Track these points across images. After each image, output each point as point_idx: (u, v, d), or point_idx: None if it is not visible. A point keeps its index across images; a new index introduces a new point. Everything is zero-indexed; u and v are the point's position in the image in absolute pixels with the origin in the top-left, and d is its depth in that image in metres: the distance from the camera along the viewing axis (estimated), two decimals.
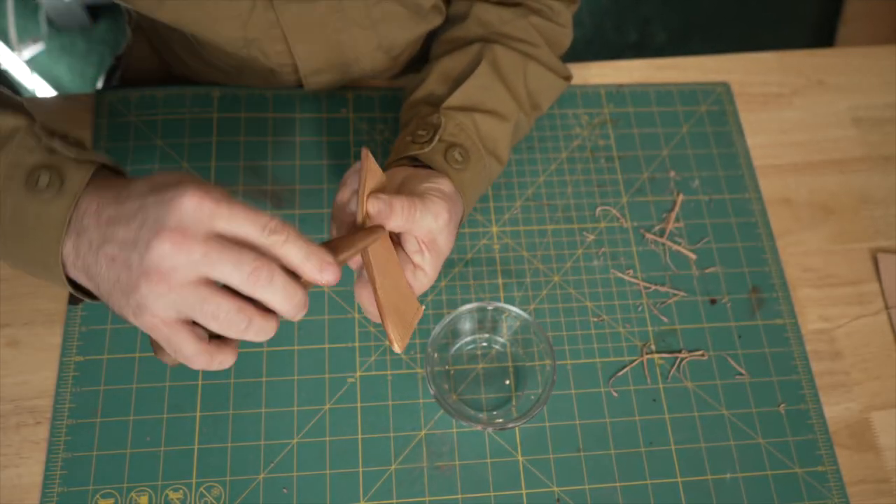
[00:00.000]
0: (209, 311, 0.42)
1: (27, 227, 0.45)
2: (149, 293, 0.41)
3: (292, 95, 0.73)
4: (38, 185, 0.44)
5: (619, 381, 0.64)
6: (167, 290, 0.41)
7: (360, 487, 0.59)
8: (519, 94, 0.66)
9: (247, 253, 0.42)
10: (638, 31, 1.81)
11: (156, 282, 0.41)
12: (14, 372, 0.61)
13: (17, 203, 0.45)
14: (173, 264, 0.41)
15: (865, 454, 0.63)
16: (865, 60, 0.82)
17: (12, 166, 0.45)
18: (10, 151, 0.45)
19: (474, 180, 0.60)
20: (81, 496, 0.57)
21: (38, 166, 0.45)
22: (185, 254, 0.41)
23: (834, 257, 0.72)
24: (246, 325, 0.43)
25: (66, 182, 0.45)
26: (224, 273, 0.41)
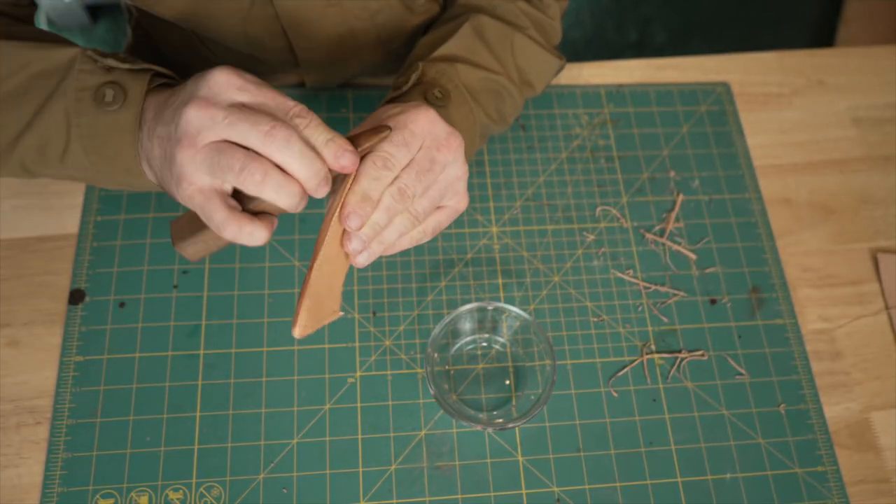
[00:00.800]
0: (226, 163, 0.44)
1: (105, 139, 0.51)
2: (182, 159, 0.45)
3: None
4: (105, 101, 0.50)
5: (619, 381, 0.64)
6: (195, 153, 0.45)
7: (360, 487, 0.59)
8: (505, 61, 0.63)
9: (265, 116, 0.45)
10: (638, 31, 1.81)
11: (186, 146, 0.45)
12: (14, 372, 0.61)
13: (92, 120, 0.50)
14: (199, 126, 0.45)
15: (865, 454, 0.63)
16: (865, 60, 0.82)
17: (80, 90, 0.50)
18: (74, 78, 0.50)
19: (459, 121, 0.58)
20: (81, 496, 0.57)
21: (101, 84, 0.50)
22: (209, 117, 0.44)
23: (834, 257, 0.72)
24: (262, 176, 0.44)
25: (128, 93, 0.50)
26: (242, 132, 0.44)
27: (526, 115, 0.75)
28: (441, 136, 0.50)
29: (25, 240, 0.66)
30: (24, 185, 0.68)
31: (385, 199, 0.48)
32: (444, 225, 0.54)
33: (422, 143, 0.50)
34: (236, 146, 0.45)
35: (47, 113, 0.51)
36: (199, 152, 0.45)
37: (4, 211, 0.67)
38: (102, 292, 0.64)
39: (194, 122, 0.45)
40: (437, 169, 0.50)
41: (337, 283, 0.51)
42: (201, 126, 0.45)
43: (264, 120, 0.44)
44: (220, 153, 0.45)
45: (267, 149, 0.45)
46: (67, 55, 0.51)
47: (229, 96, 0.45)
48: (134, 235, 0.66)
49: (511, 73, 0.64)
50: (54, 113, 0.51)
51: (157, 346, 0.62)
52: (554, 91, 0.77)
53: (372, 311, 0.65)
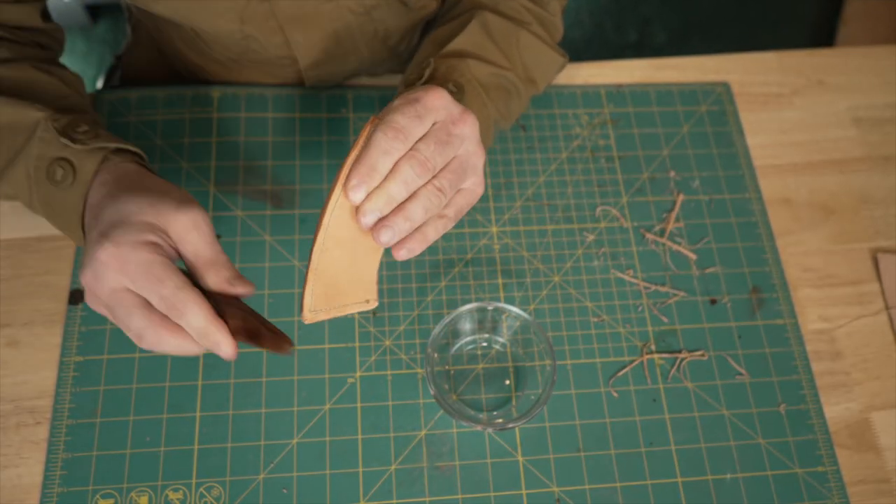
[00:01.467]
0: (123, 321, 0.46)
1: (56, 210, 0.53)
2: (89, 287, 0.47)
3: (292, 95, 0.73)
4: (55, 177, 0.51)
5: (620, 381, 0.64)
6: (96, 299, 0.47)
7: (360, 487, 0.59)
8: (512, 57, 0.63)
9: (135, 318, 0.45)
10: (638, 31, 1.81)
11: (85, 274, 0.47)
12: (14, 372, 0.61)
13: (46, 192, 0.52)
14: (90, 299, 0.47)
15: (865, 454, 0.63)
16: (865, 60, 0.82)
17: (38, 158, 0.52)
18: (35, 145, 0.52)
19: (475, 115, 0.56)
20: (81, 496, 0.57)
21: (53, 160, 0.51)
22: (95, 297, 0.47)
23: (834, 257, 0.72)
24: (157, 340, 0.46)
25: (78, 173, 0.51)
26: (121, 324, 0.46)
27: (526, 115, 0.75)
28: (455, 112, 0.49)
29: (25, 240, 0.66)
30: None
31: (405, 170, 0.46)
32: (464, 210, 0.52)
33: (436, 117, 0.48)
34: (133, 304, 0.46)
35: (14, 170, 0.53)
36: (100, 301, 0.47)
37: (4, 211, 0.67)
38: None
39: (87, 293, 0.47)
40: (456, 142, 0.49)
41: (367, 271, 0.50)
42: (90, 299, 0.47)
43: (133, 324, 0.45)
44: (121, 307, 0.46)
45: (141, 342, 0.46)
46: (32, 118, 0.52)
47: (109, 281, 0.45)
48: None
49: (518, 69, 0.64)
50: (18, 172, 0.53)
51: None
52: (554, 91, 0.77)
53: (372, 311, 0.65)
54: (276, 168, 0.70)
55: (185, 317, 0.45)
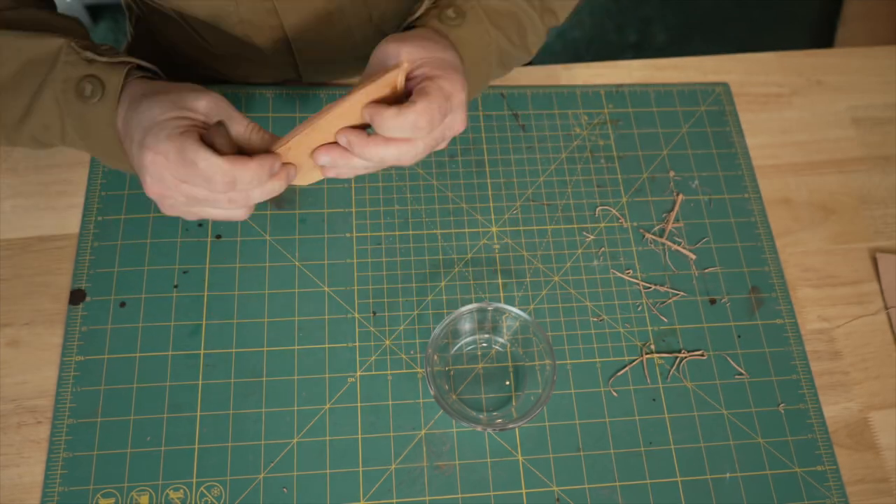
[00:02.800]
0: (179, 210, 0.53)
1: (91, 128, 0.55)
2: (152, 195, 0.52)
3: (292, 95, 0.73)
4: (85, 94, 0.53)
5: (619, 381, 0.64)
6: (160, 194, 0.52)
7: (360, 487, 0.59)
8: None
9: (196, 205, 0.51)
10: (638, 32, 1.81)
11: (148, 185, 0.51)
12: (14, 372, 0.61)
13: (78, 110, 0.54)
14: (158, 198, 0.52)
15: (864, 454, 0.63)
16: (865, 60, 0.82)
17: (65, 81, 0.54)
18: (61, 68, 0.54)
19: (473, 41, 0.59)
20: (82, 496, 0.57)
21: (82, 77, 0.53)
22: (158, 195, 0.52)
23: (834, 257, 0.72)
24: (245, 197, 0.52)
25: (106, 87, 0.53)
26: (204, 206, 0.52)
27: (526, 116, 0.75)
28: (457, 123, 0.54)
29: (26, 240, 0.66)
30: (25, 185, 0.68)
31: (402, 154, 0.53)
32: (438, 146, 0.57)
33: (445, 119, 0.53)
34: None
35: (42, 100, 0.54)
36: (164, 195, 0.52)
37: (5, 211, 0.67)
38: (103, 292, 0.64)
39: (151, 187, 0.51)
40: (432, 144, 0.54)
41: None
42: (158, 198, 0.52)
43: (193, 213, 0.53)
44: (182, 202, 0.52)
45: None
46: (55, 45, 0.54)
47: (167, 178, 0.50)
48: (134, 235, 0.66)
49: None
50: (47, 100, 0.54)
51: (157, 345, 0.62)
52: (554, 91, 0.77)
53: (372, 311, 0.65)
54: None
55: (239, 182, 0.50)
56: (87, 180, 0.68)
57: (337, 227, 0.68)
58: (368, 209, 0.69)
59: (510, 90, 0.76)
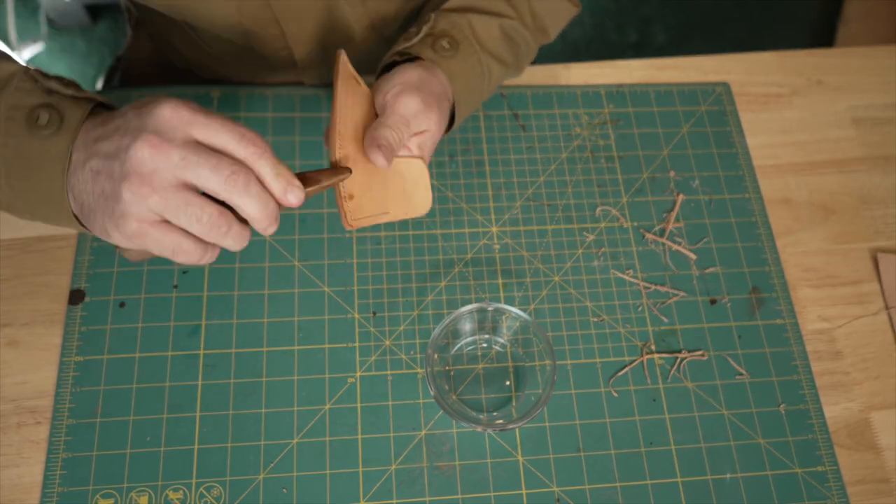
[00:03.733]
0: (193, 214, 0.44)
1: (32, 164, 0.47)
2: (131, 197, 0.43)
3: (292, 95, 0.73)
4: (38, 123, 0.46)
5: (619, 381, 0.64)
6: (150, 192, 0.43)
7: (360, 487, 0.59)
8: (519, 6, 0.65)
9: (224, 159, 0.44)
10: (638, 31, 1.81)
11: (137, 185, 0.43)
12: (14, 372, 0.61)
13: (21, 142, 0.47)
14: (154, 167, 0.43)
15: (865, 454, 0.63)
16: (865, 60, 0.82)
17: (13, 108, 0.47)
18: (10, 94, 0.47)
19: (466, 71, 0.61)
20: (81, 496, 0.57)
21: (37, 106, 0.47)
22: (163, 156, 0.43)
23: (834, 257, 0.72)
24: (226, 230, 0.45)
25: (65, 119, 0.47)
26: (202, 177, 0.43)
27: (526, 115, 0.75)
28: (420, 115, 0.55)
29: (25, 240, 0.66)
30: None
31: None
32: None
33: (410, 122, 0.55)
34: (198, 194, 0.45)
35: None
36: (154, 192, 0.43)
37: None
38: (102, 292, 0.64)
39: (148, 162, 0.43)
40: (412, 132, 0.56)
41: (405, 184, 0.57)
42: (156, 167, 0.43)
43: (225, 163, 0.44)
44: (186, 204, 0.44)
45: (227, 194, 0.45)
46: (7, 70, 0.49)
47: (180, 132, 0.44)
48: None
49: (525, 18, 0.65)
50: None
51: (157, 346, 0.62)
52: (554, 91, 0.77)
53: (372, 311, 0.65)
54: None
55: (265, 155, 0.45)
56: None
57: (337, 227, 0.68)
58: None
59: (510, 90, 0.76)
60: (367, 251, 0.68)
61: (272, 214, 0.46)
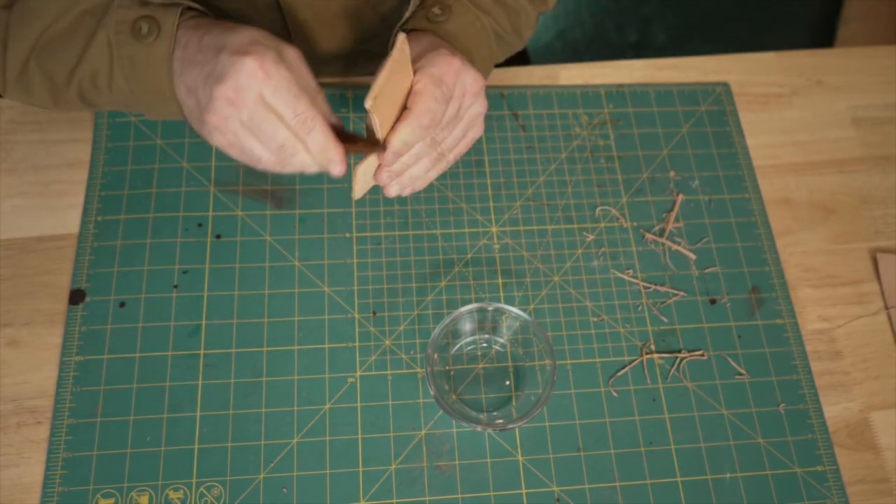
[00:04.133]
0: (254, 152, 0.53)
1: (142, 69, 0.55)
2: (212, 129, 0.52)
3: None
4: (141, 34, 0.54)
5: (619, 381, 0.64)
6: (224, 129, 0.52)
7: (360, 487, 0.59)
8: None
9: (280, 129, 0.51)
10: (638, 31, 1.81)
11: (215, 122, 0.51)
12: (14, 372, 0.61)
13: (131, 51, 0.55)
14: (226, 115, 0.51)
15: (865, 454, 0.63)
16: (865, 60, 0.82)
17: (119, 23, 0.55)
18: (114, 12, 0.55)
19: (465, 29, 0.61)
20: (82, 496, 0.57)
21: (137, 18, 0.54)
22: (235, 110, 0.50)
23: (834, 257, 0.72)
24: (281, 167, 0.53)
25: (162, 26, 0.54)
26: (260, 138, 0.52)
27: (526, 115, 0.75)
28: (468, 83, 0.55)
29: (25, 240, 0.66)
30: (25, 185, 0.68)
31: (423, 159, 0.57)
32: (462, 153, 0.60)
33: (455, 93, 0.55)
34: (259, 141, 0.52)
35: (94, 45, 0.55)
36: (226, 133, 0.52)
37: (4, 211, 0.67)
38: (103, 292, 0.64)
39: (223, 110, 0.51)
40: (464, 113, 0.57)
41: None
42: (228, 115, 0.51)
43: (279, 135, 0.51)
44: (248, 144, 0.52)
45: (277, 156, 0.52)
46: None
47: (252, 91, 0.50)
48: (134, 235, 0.66)
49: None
50: (100, 44, 0.55)
51: (157, 346, 0.62)
52: (554, 91, 0.77)
53: (372, 311, 0.65)
54: None
55: (312, 132, 0.51)
56: (86, 180, 0.68)
57: (337, 227, 0.68)
58: (368, 209, 0.69)
59: (510, 90, 0.76)
60: (367, 251, 0.68)
61: (313, 170, 0.53)
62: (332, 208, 0.69)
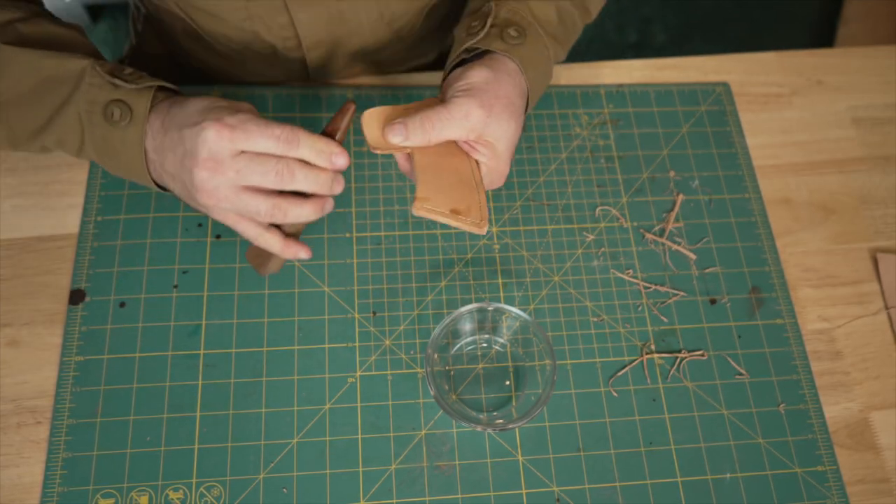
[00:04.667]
0: (252, 211, 0.54)
1: (116, 150, 0.56)
2: (205, 203, 0.54)
3: (292, 95, 0.73)
4: (113, 118, 0.55)
5: (619, 381, 0.64)
6: (217, 202, 0.53)
7: (360, 487, 0.59)
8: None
9: (268, 161, 0.53)
10: (638, 31, 1.81)
11: (206, 197, 0.53)
12: (14, 372, 0.61)
13: (103, 133, 0.55)
14: (215, 185, 0.52)
15: (865, 454, 0.63)
16: (865, 60, 0.82)
17: (90, 104, 0.55)
18: (85, 91, 0.55)
19: (535, 59, 0.60)
20: (82, 496, 0.57)
21: (108, 102, 0.55)
22: (220, 175, 0.52)
23: (834, 257, 0.72)
24: (283, 214, 0.54)
25: (134, 112, 0.55)
26: (256, 181, 0.53)
27: (526, 115, 0.75)
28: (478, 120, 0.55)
29: (25, 240, 0.66)
30: (25, 185, 0.68)
31: None
32: None
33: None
34: (255, 192, 0.53)
35: (63, 116, 0.56)
36: (220, 201, 0.53)
37: (4, 211, 0.67)
38: (102, 292, 0.64)
39: (209, 181, 0.52)
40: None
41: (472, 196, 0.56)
42: (216, 184, 0.52)
43: (269, 167, 0.53)
44: (245, 206, 0.54)
45: (281, 186, 0.53)
46: (77, 66, 0.55)
47: (228, 150, 0.52)
48: (134, 235, 0.66)
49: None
50: (69, 117, 0.55)
51: (157, 346, 0.62)
52: (554, 91, 0.77)
53: (372, 311, 0.65)
54: None
55: (301, 142, 0.53)
56: (86, 180, 0.68)
57: (337, 227, 0.68)
58: (368, 209, 0.69)
59: None
60: (367, 251, 0.68)
61: (326, 182, 0.54)
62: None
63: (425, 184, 0.55)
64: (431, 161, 0.56)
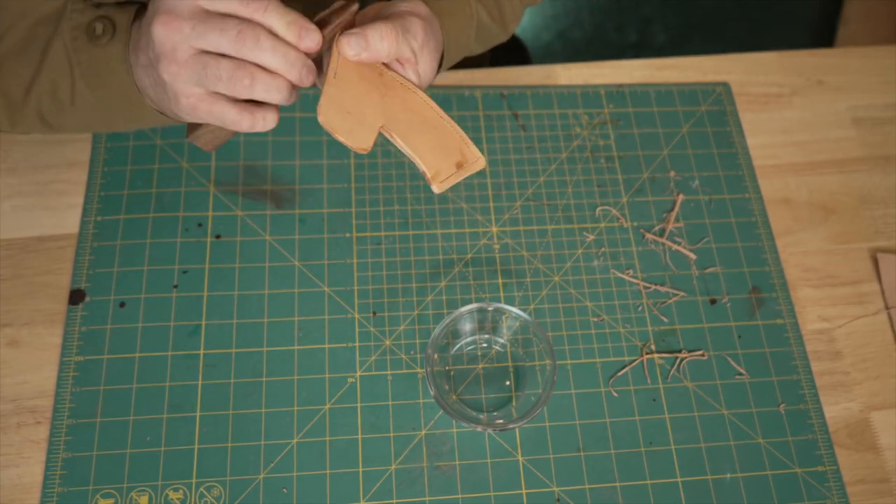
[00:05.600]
0: (213, 74, 0.47)
1: (103, 72, 0.53)
2: (169, 77, 0.48)
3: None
4: (96, 34, 0.52)
5: (619, 381, 0.64)
6: (178, 68, 0.47)
7: (360, 487, 0.59)
8: None
9: (230, 20, 0.46)
10: (638, 31, 1.81)
11: (167, 64, 0.47)
12: (14, 372, 0.61)
13: (89, 56, 0.53)
14: (172, 44, 0.47)
15: (865, 454, 0.63)
16: (865, 60, 0.82)
17: (74, 29, 0.53)
18: (68, 18, 0.53)
19: (455, 12, 0.60)
20: (82, 496, 0.57)
21: (91, 20, 0.52)
22: (176, 31, 0.46)
23: (834, 257, 0.72)
24: (250, 80, 0.47)
25: (116, 25, 0.52)
26: (213, 41, 0.46)
27: (526, 115, 0.75)
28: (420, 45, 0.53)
29: (25, 240, 0.66)
30: (25, 185, 0.68)
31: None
32: None
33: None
34: (216, 55, 0.47)
35: (50, 56, 0.53)
36: (181, 67, 0.47)
37: (4, 211, 0.67)
38: (102, 292, 0.64)
39: (165, 40, 0.47)
40: None
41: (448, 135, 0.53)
42: (173, 44, 0.47)
43: (230, 24, 0.46)
44: (203, 66, 0.47)
45: (241, 52, 0.46)
46: (60, 1, 0.53)
47: (188, 6, 0.46)
48: (134, 235, 0.66)
49: None
50: (56, 54, 0.53)
51: (157, 346, 0.62)
52: (554, 91, 0.77)
53: (372, 311, 0.65)
54: (276, 168, 0.70)
55: (270, 9, 0.46)
56: (86, 180, 0.68)
57: (337, 227, 0.68)
58: (368, 209, 0.69)
59: (510, 90, 0.76)
60: (367, 251, 0.68)
61: (296, 63, 0.48)
62: (332, 208, 0.69)
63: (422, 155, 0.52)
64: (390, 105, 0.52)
